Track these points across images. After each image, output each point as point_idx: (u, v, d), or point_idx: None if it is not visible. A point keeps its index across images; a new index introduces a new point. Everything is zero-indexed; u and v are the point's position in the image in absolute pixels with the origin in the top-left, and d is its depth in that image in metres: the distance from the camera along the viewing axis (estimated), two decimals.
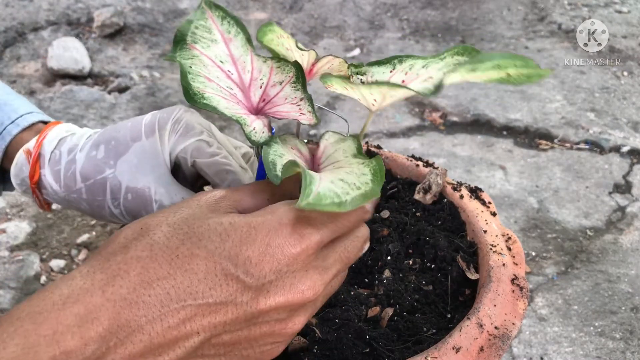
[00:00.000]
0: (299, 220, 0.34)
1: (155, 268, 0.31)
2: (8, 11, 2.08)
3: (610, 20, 2.14)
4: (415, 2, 2.31)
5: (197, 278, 0.31)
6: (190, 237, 0.32)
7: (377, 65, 0.40)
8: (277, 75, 0.41)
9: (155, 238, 0.32)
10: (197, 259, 0.32)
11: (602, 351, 0.98)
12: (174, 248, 0.32)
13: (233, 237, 0.32)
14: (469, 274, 0.48)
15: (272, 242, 0.33)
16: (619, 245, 1.20)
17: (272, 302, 0.33)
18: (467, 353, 0.40)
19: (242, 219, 0.33)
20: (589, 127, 1.60)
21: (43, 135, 0.50)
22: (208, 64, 0.40)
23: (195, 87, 0.38)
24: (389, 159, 0.63)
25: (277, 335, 0.34)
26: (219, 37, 0.42)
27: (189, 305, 0.31)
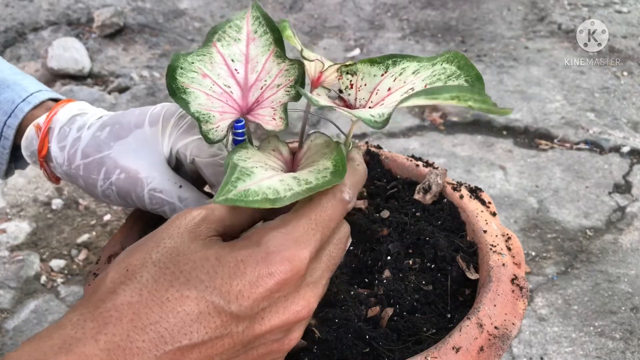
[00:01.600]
0: (286, 244, 0.33)
1: (147, 313, 0.31)
2: (8, 11, 2.08)
3: (610, 20, 2.14)
4: (415, 2, 2.31)
5: (189, 318, 0.31)
6: (177, 277, 0.32)
7: (370, 65, 0.39)
8: (280, 79, 0.42)
9: (143, 281, 0.32)
10: (187, 300, 0.31)
11: (602, 351, 0.98)
12: (163, 291, 0.31)
13: (221, 273, 0.32)
14: (469, 274, 0.48)
15: (261, 272, 0.32)
16: (619, 245, 1.20)
17: (267, 327, 0.33)
18: (467, 353, 0.40)
19: (228, 252, 0.33)
20: (589, 127, 1.60)
21: (54, 112, 0.51)
22: (217, 61, 0.42)
23: (180, 82, 0.41)
24: (389, 159, 0.63)
25: (275, 352, 0.35)
26: (244, 36, 0.43)
27: (185, 345, 0.31)
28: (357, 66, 0.39)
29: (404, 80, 0.38)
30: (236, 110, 0.41)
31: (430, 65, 0.38)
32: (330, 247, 0.37)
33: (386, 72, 0.39)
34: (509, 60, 1.93)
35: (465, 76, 0.36)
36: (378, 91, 0.39)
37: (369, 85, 0.39)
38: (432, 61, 0.38)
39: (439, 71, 0.37)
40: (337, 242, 0.37)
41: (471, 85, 0.35)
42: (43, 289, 1.10)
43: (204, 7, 2.24)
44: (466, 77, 0.36)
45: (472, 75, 0.36)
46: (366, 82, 0.39)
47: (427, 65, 0.38)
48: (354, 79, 0.39)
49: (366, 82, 0.39)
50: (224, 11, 2.22)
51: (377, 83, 0.38)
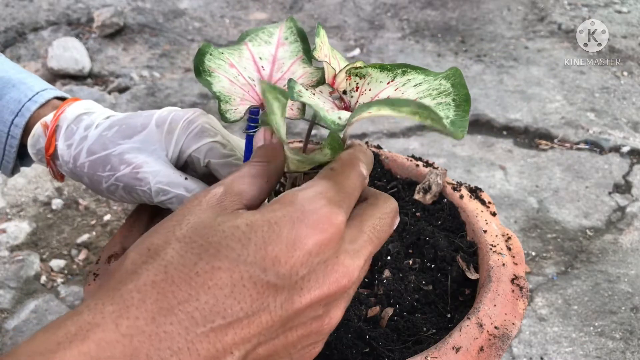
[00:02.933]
0: (322, 203, 0.31)
1: (174, 291, 0.28)
2: (8, 11, 2.08)
3: (610, 20, 2.14)
4: (415, 2, 2.31)
5: (222, 293, 0.28)
6: (206, 249, 0.29)
7: (380, 70, 0.39)
8: (303, 79, 0.43)
9: (168, 258, 0.29)
10: (219, 272, 0.28)
11: (602, 351, 0.98)
12: (191, 265, 0.29)
13: (255, 239, 0.29)
14: (469, 274, 0.48)
15: (299, 233, 0.30)
16: (619, 245, 1.20)
17: (307, 299, 0.30)
18: (467, 353, 0.40)
19: (259, 216, 0.30)
20: (589, 127, 1.60)
21: (61, 110, 0.52)
22: (245, 56, 0.44)
23: (207, 66, 0.42)
24: (389, 159, 0.63)
25: (315, 334, 0.32)
26: (275, 41, 0.45)
27: (218, 325, 0.28)
28: (366, 69, 0.38)
29: (402, 92, 0.38)
30: (256, 100, 0.42)
31: (433, 79, 0.38)
32: (374, 220, 0.35)
33: (392, 80, 0.38)
34: (509, 60, 1.93)
35: (455, 95, 0.36)
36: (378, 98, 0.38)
37: (373, 91, 0.39)
38: (436, 76, 0.38)
39: (434, 86, 0.37)
40: (383, 215, 0.35)
41: (457, 105, 0.36)
42: (43, 289, 1.10)
43: (204, 7, 2.24)
44: (455, 95, 0.36)
45: (461, 95, 0.36)
46: (371, 87, 0.39)
47: (430, 80, 0.38)
48: (361, 82, 0.39)
49: (371, 87, 0.39)
50: (224, 11, 2.22)
51: (380, 90, 0.38)
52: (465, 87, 0.36)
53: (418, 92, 0.37)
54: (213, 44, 2.04)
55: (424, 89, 0.37)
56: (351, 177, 0.35)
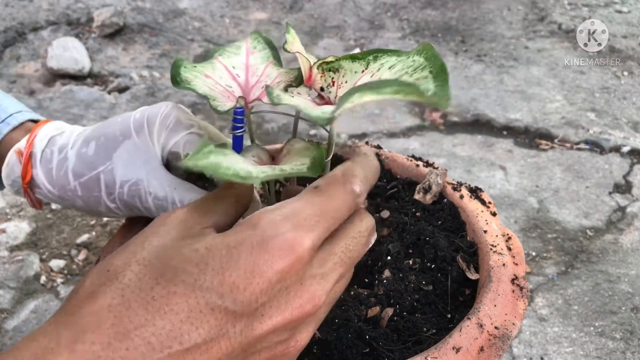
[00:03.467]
0: (286, 228, 0.30)
1: (130, 316, 0.27)
2: (8, 11, 2.08)
3: (610, 20, 2.14)
4: (415, 2, 2.31)
5: (179, 319, 0.27)
6: (164, 273, 0.28)
7: (352, 61, 0.38)
8: (280, 77, 0.43)
9: (126, 281, 0.28)
10: (175, 297, 0.28)
11: (603, 351, 0.97)
12: (148, 289, 0.28)
13: (212, 264, 0.28)
14: (469, 274, 0.48)
15: (258, 260, 0.29)
16: (619, 245, 1.20)
17: (268, 326, 0.29)
18: (467, 353, 0.40)
19: (219, 240, 0.29)
20: (589, 127, 1.60)
21: (34, 135, 0.49)
22: (218, 67, 0.45)
23: (184, 76, 0.42)
24: (389, 159, 0.63)
25: (281, 356, 0.31)
26: (244, 51, 0.46)
27: (176, 351, 0.27)
28: (339, 62, 0.38)
29: (379, 76, 0.38)
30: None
31: (406, 58, 0.38)
32: (347, 240, 0.33)
33: (366, 68, 0.38)
34: (509, 60, 1.93)
35: (430, 67, 0.36)
36: None
37: (349, 82, 0.38)
38: (408, 55, 0.38)
39: (408, 64, 0.37)
40: (357, 235, 0.34)
41: (434, 76, 0.35)
42: (43, 289, 1.10)
43: (203, 7, 2.24)
44: (431, 68, 0.36)
45: (437, 66, 0.36)
46: (347, 79, 0.38)
47: (403, 59, 0.38)
48: (336, 76, 0.38)
49: (347, 79, 0.38)
50: (223, 11, 2.22)
51: (357, 80, 0.38)
52: (439, 58, 0.36)
53: (394, 73, 0.37)
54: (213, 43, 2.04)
55: (399, 69, 0.37)
56: (336, 197, 0.33)
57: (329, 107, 0.35)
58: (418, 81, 0.34)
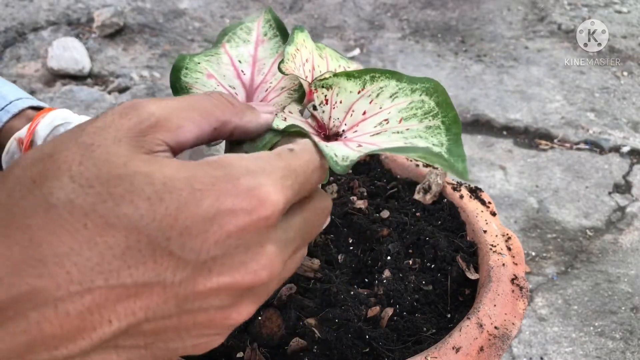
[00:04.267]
0: (260, 179, 0.26)
1: (51, 242, 0.23)
2: (8, 11, 2.08)
3: (610, 20, 2.14)
4: (415, 2, 2.31)
5: (111, 253, 0.23)
6: (104, 200, 0.23)
7: (347, 79, 0.36)
8: (285, 81, 0.41)
9: (53, 200, 0.23)
10: (113, 230, 0.23)
11: (602, 351, 0.98)
12: (80, 215, 0.23)
13: (168, 202, 0.24)
14: (469, 274, 0.48)
15: (222, 208, 0.24)
16: (619, 245, 1.20)
17: (213, 284, 0.25)
18: (467, 353, 0.40)
19: (182, 175, 0.25)
20: (589, 127, 1.60)
21: (35, 123, 0.48)
22: (224, 61, 0.41)
23: (184, 82, 0.39)
24: (388, 159, 0.63)
25: (216, 327, 0.27)
26: (254, 38, 0.42)
27: (97, 287, 0.23)
28: (332, 79, 0.36)
29: (380, 105, 0.36)
30: None
31: (410, 91, 0.36)
32: (307, 213, 0.30)
33: (363, 89, 0.36)
34: (509, 60, 1.93)
35: (443, 117, 0.34)
36: (353, 112, 0.36)
37: (345, 102, 0.36)
38: (412, 85, 0.36)
39: (416, 104, 0.35)
40: (317, 210, 0.31)
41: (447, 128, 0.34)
42: None
43: (204, 7, 2.24)
44: (443, 117, 0.34)
45: (450, 117, 0.34)
46: (341, 98, 0.36)
47: (405, 90, 0.36)
48: (329, 93, 0.36)
49: (341, 98, 0.36)
50: (224, 11, 2.22)
51: (353, 102, 0.36)
52: (452, 107, 0.34)
53: (399, 109, 0.35)
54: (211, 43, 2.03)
55: (406, 107, 0.35)
56: (310, 166, 0.29)
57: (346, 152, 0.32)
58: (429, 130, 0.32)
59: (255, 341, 0.42)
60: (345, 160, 0.31)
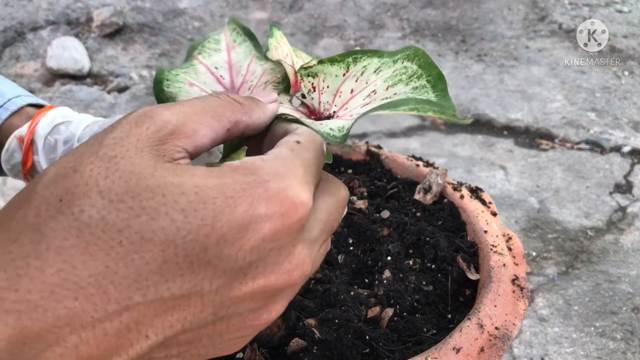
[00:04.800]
0: (289, 181, 0.26)
1: (85, 261, 0.22)
2: (7, 11, 2.08)
3: (610, 20, 2.14)
4: (415, 2, 2.31)
5: (148, 269, 0.23)
6: (138, 215, 0.23)
7: (330, 64, 0.36)
8: (266, 76, 0.42)
9: (84, 219, 0.23)
10: (149, 244, 0.23)
11: (603, 351, 0.97)
12: (114, 232, 0.23)
13: (203, 212, 0.24)
14: (470, 274, 0.48)
15: (256, 214, 0.24)
16: (620, 245, 1.20)
17: (249, 288, 0.25)
18: (467, 353, 0.40)
19: (212, 183, 0.24)
20: (590, 127, 1.59)
21: (36, 121, 0.48)
22: (201, 71, 0.42)
23: (168, 92, 0.40)
24: (389, 159, 0.62)
25: (248, 328, 0.27)
26: (224, 47, 0.43)
27: (136, 303, 0.23)
28: (317, 67, 0.36)
29: (366, 80, 0.36)
30: None
31: (392, 62, 0.36)
32: (330, 207, 0.30)
33: (347, 71, 0.37)
34: (509, 60, 1.93)
35: (427, 76, 0.35)
36: (341, 93, 0.37)
37: (332, 86, 0.37)
38: (393, 57, 0.37)
39: (400, 70, 0.36)
40: (337, 202, 0.30)
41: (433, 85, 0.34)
42: None
43: (203, 6, 2.24)
44: (427, 77, 0.35)
45: (434, 75, 0.35)
46: (328, 83, 0.37)
47: (388, 62, 0.37)
48: (316, 81, 0.37)
49: (328, 83, 0.37)
50: (223, 10, 2.22)
51: (340, 84, 0.37)
52: (435, 66, 0.34)
53: (385, 79, 0.36)
54: None
55: (390, 75, 0.36)
56: (318, 155, 0.29)
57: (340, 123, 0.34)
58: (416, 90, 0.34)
59: (255, 341, 0.42)
60: (342, 130, 0.32)
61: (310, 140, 0.29)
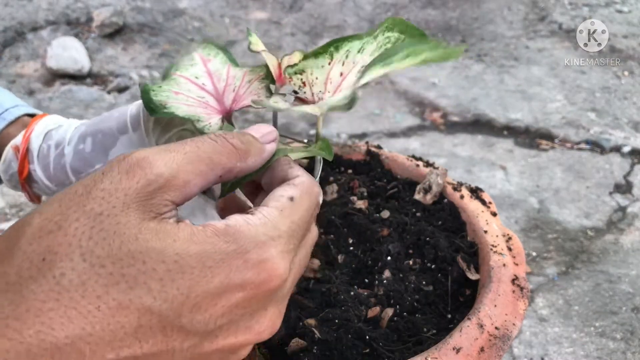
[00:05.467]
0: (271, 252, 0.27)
1: (63, 324, 0.23)
2: (7, 11, 2.08)
3: (610, 20, 2.14)
4: (415, 2, 2.31)
5: (123, 331, 0.24)
6: (117, 282, 0.24)
7: (315, 58, 0.37)
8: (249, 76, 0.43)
9: (65, 283, 0.23)
10: (126, 311, 0.24)
11: (603, 351, 0.97)
12: (93, 298, 0.23)
13: (180, 282, 0.24)
14: (470, 274, 0.48)
15: (231, 283, 0.25)
16: (620, 245, 1.20)
17: (218, 345, 0.27)
18: (467, 353, 0.40)
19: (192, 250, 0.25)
20: (590, 127, 1.59)
21: (30, 130, 0.49)
22: (182, 82, 0.43)
23: (157, 101, 0.41)
24: (389, 159, 0.62)
25: None
26: (199, 60, 0.45)
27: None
28: (303, 63, 0.37)
29: (352, 61, 0.37)
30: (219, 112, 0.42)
31: (373, 38, 0.37)
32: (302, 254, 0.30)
33: (332, 59, 0.37)
34: (509, 60, 1.93)
35: (410, 37, 0.36)
36: (331, 80, 0.38)
37: (320, 78, 0.38)
38: (372, 34, 0.38)
39: (383, 41, 0.37)
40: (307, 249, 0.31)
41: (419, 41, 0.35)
42: None
43: (203, 6, 2.24)
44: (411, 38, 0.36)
45: (416, 35, 0.35)
46: (317, 75, 0.38)
47: (369, 40, 0.37)
48: (304, 76, 0.38)
49: (317, 75, 0.38)
50: (223, 10, 2.22)
51: (327, 73, 0.38)
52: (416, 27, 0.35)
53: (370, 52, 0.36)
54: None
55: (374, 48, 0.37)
56: (309, 211, 0.30)
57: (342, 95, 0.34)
58: None
59: None
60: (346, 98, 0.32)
61: (305, 195, 0.30)
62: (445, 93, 1.73)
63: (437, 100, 1.71)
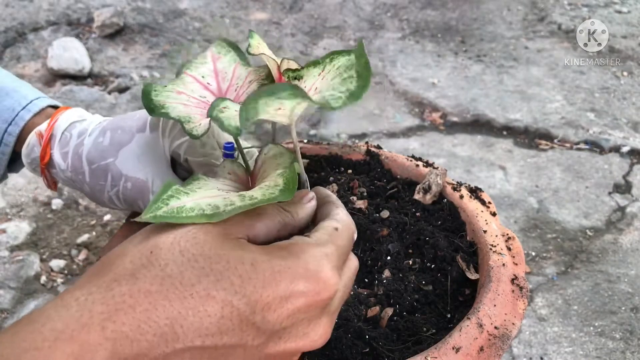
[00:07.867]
0: (326, 266, 0.32)
1: (165, 305, 0.29)
2: (8, 11, 2.08)
3: (610, 20, 2.14)
4: (415, 2, 2.31)
5: (209, 320, 0.29)
6: (207, 274, 0.30)
7: (313, 67, 0.40)
8: (251, 76, 0.44)
9: (168, 270, 0.30)
10: (212, 301, 0.29)
11: (602, 351, 0.98)
12: (188, 285, 0.29)
13: (255, 280, 0.30)
14: (469, 274, 0.48)
15: (295, 289, 0.31)
16: (619, 245, 1.20)
17: (280, 348, 0.32)
18: (467, 353, 0.40)
19: (265, 259, 0.31)
20: (589, 127, 1.60)
21: (55, 119, 0.52)
22: (189, 81, 0.45)
23: (156, 101, 0.44)
24: (389, 159, 0.63)
25: None
26: (210, 60, 0.48)
27: (196, 346, 0.29)
28: (302, 71, 0.40)
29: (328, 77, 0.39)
30: None
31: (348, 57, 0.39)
32: (345, 278, 0.36)
33: (323, 70, 0.39)
34: (509, 60, 1.93)
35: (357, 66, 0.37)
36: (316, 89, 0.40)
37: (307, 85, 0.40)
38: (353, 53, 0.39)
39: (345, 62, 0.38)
40: (352, 275, 0.36)
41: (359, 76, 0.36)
42: (43, 289, 1.10)
43: (204, 7, 2.24)
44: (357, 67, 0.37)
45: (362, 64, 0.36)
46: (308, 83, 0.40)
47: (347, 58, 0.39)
48: (300, 83, 0.40)
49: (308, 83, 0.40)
50: (224, 11, 2.22)
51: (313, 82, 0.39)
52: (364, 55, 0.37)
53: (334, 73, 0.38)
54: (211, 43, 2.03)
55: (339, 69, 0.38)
56: (348, 241, 0.36)
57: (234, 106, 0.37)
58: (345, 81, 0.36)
59: None
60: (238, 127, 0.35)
61: (346, 227, 0.36)
62: (445, 93, 1.74)
63: (436, 100, 1.71)
